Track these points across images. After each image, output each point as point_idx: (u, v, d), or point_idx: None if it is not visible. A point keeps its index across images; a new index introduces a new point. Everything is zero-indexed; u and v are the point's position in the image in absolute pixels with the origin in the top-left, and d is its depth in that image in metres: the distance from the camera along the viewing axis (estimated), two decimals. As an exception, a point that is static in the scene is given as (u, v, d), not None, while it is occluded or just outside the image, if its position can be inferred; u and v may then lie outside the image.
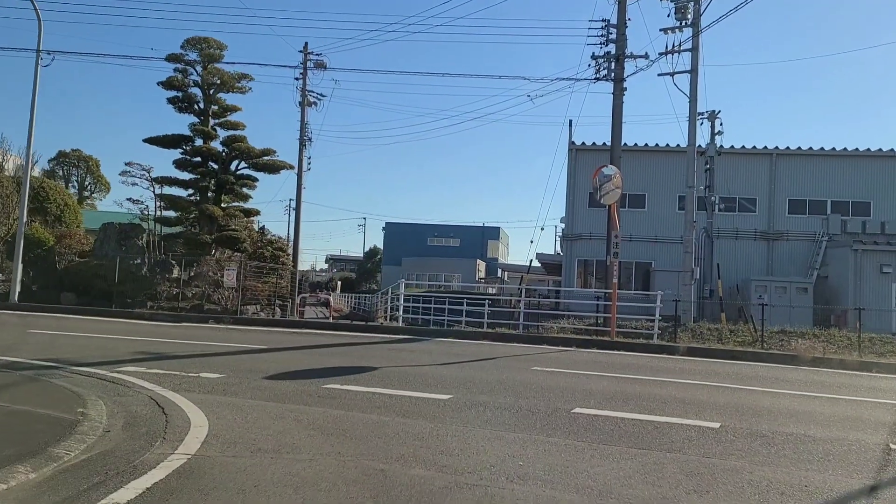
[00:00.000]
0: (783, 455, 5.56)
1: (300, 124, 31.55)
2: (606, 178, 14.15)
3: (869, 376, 11.28)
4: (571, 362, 11.58)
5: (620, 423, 6.59)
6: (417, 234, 66.86)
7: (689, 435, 6.19)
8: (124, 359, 10.02)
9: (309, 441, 5.53)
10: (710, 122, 26.31)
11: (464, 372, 9.91)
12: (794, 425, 6.77)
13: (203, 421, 6.14)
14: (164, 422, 6.11)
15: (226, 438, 5.54)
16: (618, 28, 18.42)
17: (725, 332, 16.83)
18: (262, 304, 22.20)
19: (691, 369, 11.20)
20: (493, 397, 7.74)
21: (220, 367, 9.48)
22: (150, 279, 21.76)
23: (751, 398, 8.39)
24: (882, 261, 24.74)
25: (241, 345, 12.43)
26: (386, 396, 7.60)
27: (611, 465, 5.06)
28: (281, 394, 7.59)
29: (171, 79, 25.96)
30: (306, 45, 31.70)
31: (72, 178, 71.49)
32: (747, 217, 29.04)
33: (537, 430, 6.15)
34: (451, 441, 5.65)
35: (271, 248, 28.16)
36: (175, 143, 26.09)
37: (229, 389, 7.79)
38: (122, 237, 22.84)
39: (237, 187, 27.18)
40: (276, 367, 9.55)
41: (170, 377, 8.48)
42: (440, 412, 6.84)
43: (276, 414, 6.54)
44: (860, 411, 7.87)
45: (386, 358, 11.19)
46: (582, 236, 30.12)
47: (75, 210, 34.13)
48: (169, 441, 5.42)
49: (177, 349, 11.40)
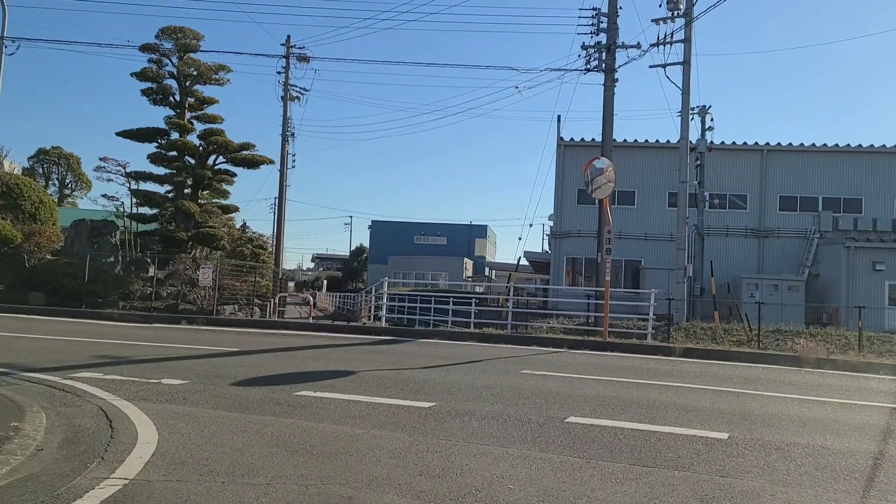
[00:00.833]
0: (805, 472, 4.94)
1: (283, 119, 30.82)
2: (598, 171, 13.53)
3: (877, 378, 10.72)
4: (563, 364, 10.95)
5: (620, 434, 5.96)
6: (404, 233, 66.12)
7: (697, 448, 5.57)
8: (82, 363, 9.29)
9: (269, 461, 4.84)
10: (701, 118, 25.80)
11: (448, 376, 9.25)
12: (809, 435, 6.17)
13: (153, 436, 5.45)
14: (108, 437, 5.41)
15: (174, 458, 4.85)
16: (609, 17, 17.84)
17: (720, 331, 16.29)
18: (240, 304, 21.42)
19: (690, 371, 10.60)
20: (479, 405, 7.09)
21: (184, 372, 8.77)
22: (123, 278, 20.91)
23: (757, 404, 7.79)
24: (875, 258, 24.36)
25: (212, 347, 11.69)
26: (362, 405, 6.93)
27: (614, 489, 4.41)
28: (246, 403, 6.90)
29: (145, 70, 25.10)
30: (289, 37, 30.96)
31: (52, 176, 70.29)
32: (738, 214, 28.60)
33: (529, 444, 5.51)
34: (432, 459, 4.99)
35: (251, 246, 27.36)
36: (150, 137, 25.23)
37: (190, 398, 7.09)
38: (95, 234, 21.94)
39: (215, 183, 26.35)
40: (245, 372, 8.85)
41: (127, 384, 7.77)
42: (421, 423, 6.18)
43: (237, 427, 5.85)
44: (877, 419, 7.29)
45: (365, 361, 10.51)
46: (570, 234, 29.58)
47: (51, 207, 33.11)
48: (108, 462, 4.72)
49: (141, 352, 10.66)
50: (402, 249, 62.20)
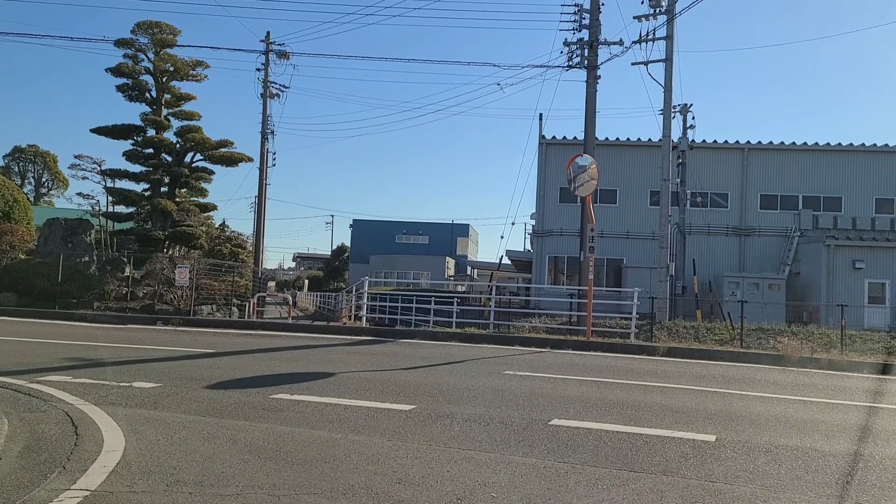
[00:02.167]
0: (796, 476, 4.81)
1: (262, 116, 30.43)
2: (581, 168, 13.38)
3: (861, 377, 10.68)
4: (546, 365, 10.79)
5: (605, 437, 5.80)
6: (385, 232, 65.72)
7: (684, 451, 5.42)
8: (50, 366, 8.97)
9: (241, 468, 4.62)
10: (683, 116, 25.86)
11: (429, 377, 9.05)
12: (797, 437, 6.05)
13: (119, 443, 5.20)
14: (72, 445, 5.16)
15: (140, 467, 4.61)
16: (591, 13, 17.71)
17: (702, 329, 16.24)
18: (218, 305, 21.03)
19: (674, 371, 10.48)
20: (461, 407, 6.90)
21: (157, 374, 8.49)
22: (98, 278, 20.45)
23: (742, 404, 7.67)
24: (854, 256, 24.49)
25: (187, 349, 11.40)
26: (340, 408, 6.71)
27: (600, 496, 4.25)
28: (220, 407, 6.65)
29: (120, 65, 24.57)
30: (268, 34, 30.56)
31: (28, 174, 69.05)
32: (719, 213, 28.65)
33: (512, 449, 5.33)
34: (412, 465, 4.79)
35: (230, 245, 26.92)
36: (126, 134, 24.71)
37: (162, 402, 6.83)
38: (69, 233, 21.45)
39: (192, 181, 25.91)
40: (220, 375, 8.59)
41: (97, 387, 7.49)
42: (401, 427, 5.98)
43: (209, 433, 5.61)
44: (863, 419, 7.19)
45: (344, 362, 10.28)
46: (552, 232, 29.47)
47: (25, 206, 32.44)
48: (69, 472, 4.47)
49: (113, 354, 10.34)
50: (383, 248, 61.82)
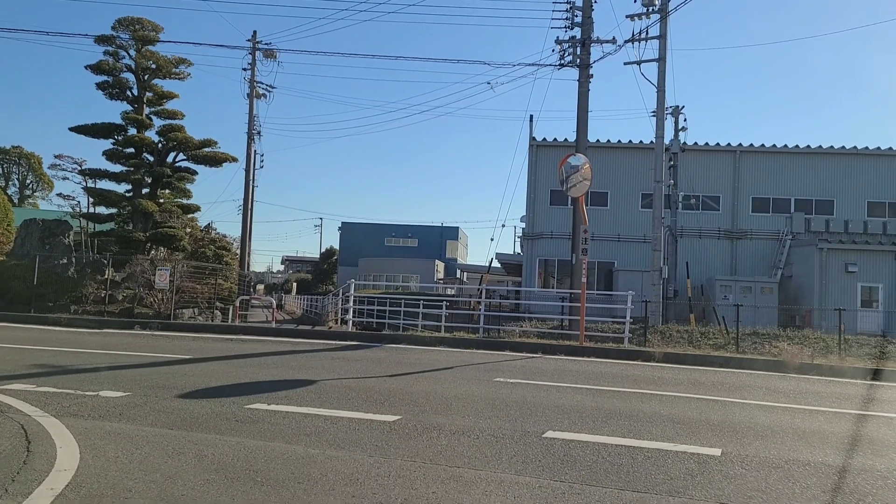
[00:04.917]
0: (814, 497, 4.41)
1: (249, 116, 29.98)
2: (574, 168, 12.99)
3: (865, 385, 10.32)
4: (538, 371, 10.37)
5: (604, 451, 5.38)
6: (374, 234, 65.31)
7: (690, 467, 5.01)
8: (14, 373, 8.46)
9: (204, 490, 4.16)
10: (675, 118, 25.53)
11: (416, 385, 8.60)
12: (808, 450, 5.66)
13: (73, 461, 4.72)
14: (21, 463, 4.68)
15: (91, 489, 4.15)
16: (583, 10, 17.35)
17: (696, 334, 15.89)
18: (200, 308, 20.47)
19: (672, 378, 10.08)
20: (449, 418, 6.46)
21: (127, 382, 8.00)
22: (76, 281, 19.85)
23: (745, 414, 7.27)
24: (847, 259, 24.28)
25: (164, 354, 10.89)
26: (320, 419, 6.26)
27: (604, 522, 3.82)
28: (190, 418, 6.18)
29: (101, 62, 23.95)
30: (255, 33, 30.18)
31: (12, 176, 68.07)
32: (711, 215, 28.39)
33: (504, 465, 4.90)
34: (394, 486, 4.35)
35: (214, 247, 26.33)
36: (106, 133, 24.08)
37: (128, 413, 6.35)
38: (46, 235, 20.84)
39: (175, 181, 25.32)
40: (195, 383, 8.10)
41: (60, 397, 7.00)
42: (384, 441, 5.53)
43: (174, 448, 5.14)
44: (875, 430, 6.82)
45: (328, 369, 9.82)
46: (543, 235, 29.12)
47: (6, 207, 31.78)
48: (11, 495, 4.00)
49: (84, 361, 9.83)
50: (372, 251, 61.40)
